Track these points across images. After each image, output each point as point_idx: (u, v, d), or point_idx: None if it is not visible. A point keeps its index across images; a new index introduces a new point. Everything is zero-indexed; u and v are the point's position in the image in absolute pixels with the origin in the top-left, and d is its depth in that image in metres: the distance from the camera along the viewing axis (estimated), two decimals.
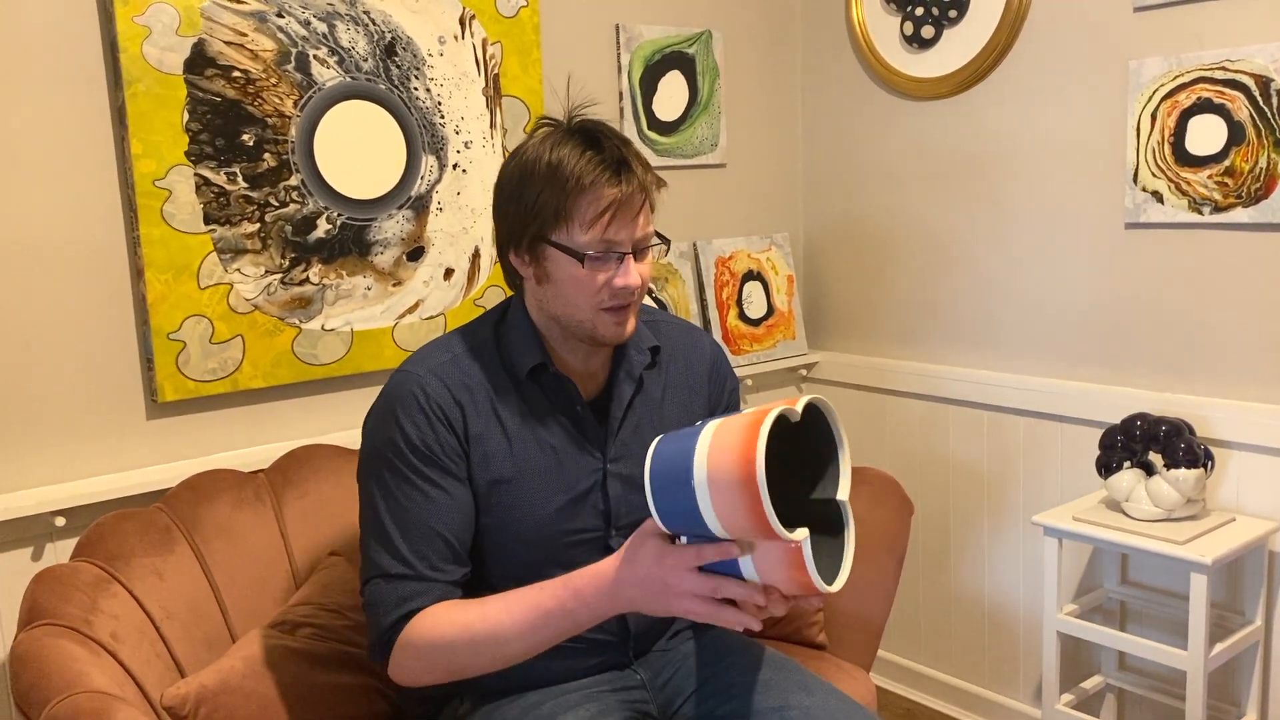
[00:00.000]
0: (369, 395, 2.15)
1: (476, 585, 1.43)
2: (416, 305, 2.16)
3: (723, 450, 1.09)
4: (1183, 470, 1.98)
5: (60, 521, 1.77)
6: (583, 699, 1.43)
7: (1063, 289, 2.36)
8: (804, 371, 2.89)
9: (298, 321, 2.01)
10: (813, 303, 2.92)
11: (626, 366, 1.47)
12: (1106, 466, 2.10)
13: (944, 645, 2.72)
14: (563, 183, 1.31)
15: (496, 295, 2.27)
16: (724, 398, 1.59)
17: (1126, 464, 2.08)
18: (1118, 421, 2.12)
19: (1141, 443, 2.06)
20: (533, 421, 1.42)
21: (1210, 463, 2.01)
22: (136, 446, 1.89)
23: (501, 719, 1.41)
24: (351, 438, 2.07)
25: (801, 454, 1.22)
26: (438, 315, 2.19)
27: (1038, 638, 2.49)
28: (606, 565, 1.22)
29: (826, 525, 1.21)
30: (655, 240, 1.40)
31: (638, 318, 1.43)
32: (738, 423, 1.11)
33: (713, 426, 1.14)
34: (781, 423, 1.12)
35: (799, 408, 1.13)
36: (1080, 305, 2.33)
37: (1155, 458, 2.05)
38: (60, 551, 1.81)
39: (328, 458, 1.94)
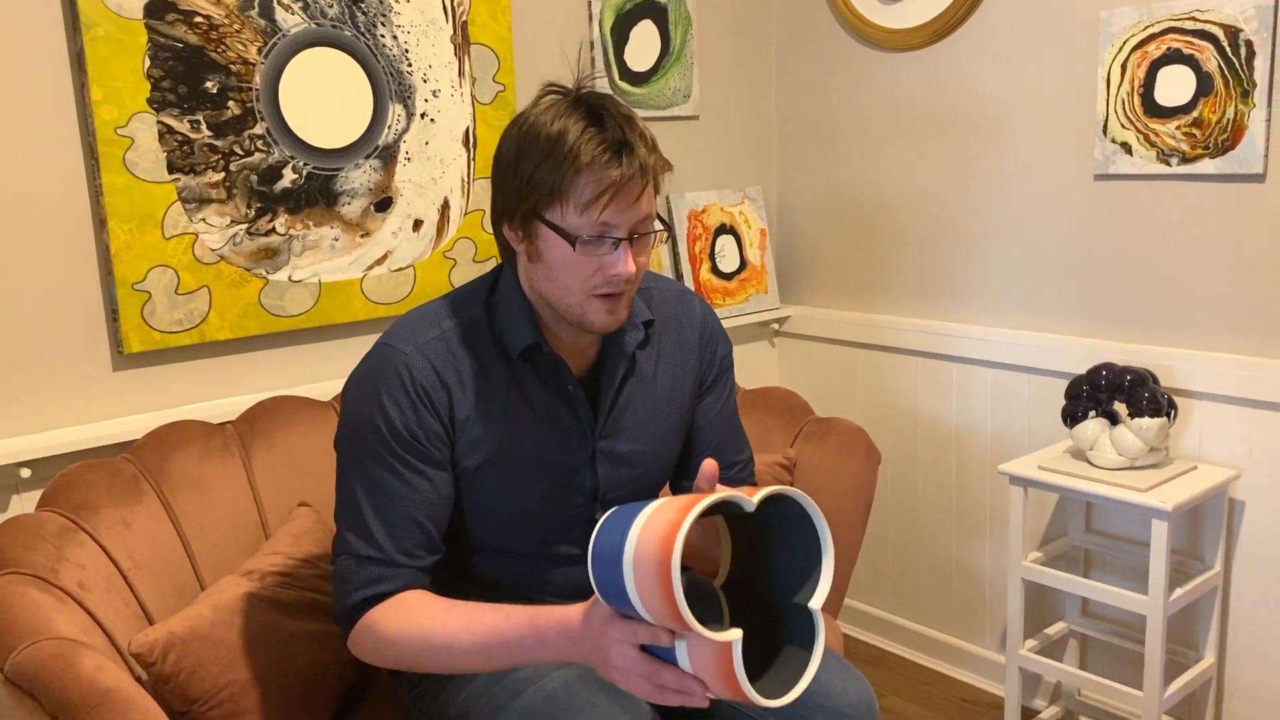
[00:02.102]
0: (338, 348, 2.14)
1: (463, 554, 1.44)
2: (385, 257, 2.15)
3: (651, 528, 1.04)
4: (1146, 419, 2.00)
5: (25, 473, 1.76)
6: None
7: (1031, 241, 2.37)
8: (775, 326, 2.90)
9: (264, 272, 1.99)
10: (785, 257, 2.92)
11: (619, 344, 1.42)
12: (1072, 416, 2.12)
13: (911, 593, 2.76)
14: (560, 159, 1.24)
15: (466, 248, 2.26)
16: (714, 365, 1.54)
17: (1091, 414, 2.11)
18: (1084, 372, 2.14)
19: (1106, 392, 2.08)
20: (522, 402, 1.37)
21: (1173, 412, 2.03)
22: (103, 398, 1.88)
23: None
24: (320, 390, 2.07)
25: (789, 555, 1.15)
26: (407, 267, 2.18)
27: (1003, 585, 2.53)
28: (573, 615, 1.17)
29: (803, 634, 1.13)
30: (655, 226, 1.33)
31: (631, 304, 1.37)
32: (676, 503, 1.05)
33: (655, 504, 1.08)
34: (761, 511, 1.08)
35: (756, 499, 1.06)
36: (1048, 257, 2.34)
37: (1120, 407, 2.07)
38: (26, 503, 1.80)
39: (297, 409, 1.93)
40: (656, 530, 1.03)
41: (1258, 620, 2.11)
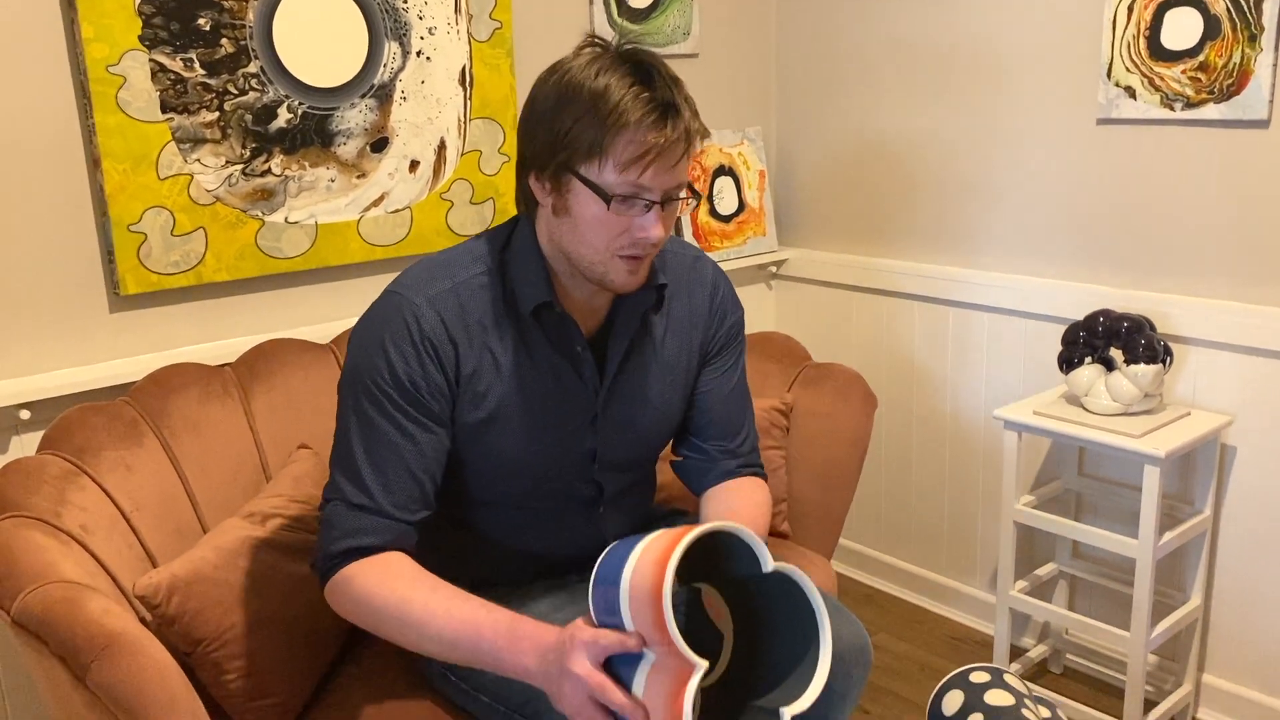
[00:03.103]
0: (335, 290, 2.14)
1: (458, 506, 1.44)
2: (382, 198, 2.13)
3: (661, 537, 1.07)
4: (1142, 366, 2.01)
5: (25, 415, 1.76)
6: (559, 602, 1.47)
7: (1032, 185, 2.35)
8: (773, 269, 2.89)
9: (260, 214, 1.98)
10: (784, 199, 2.90)
11: (630, 306, 1.40)
12: (1068, 362, 2.13)
13: (904, 534, 2.79)
14: (604, 116, 1.19)
15: (463, 190, 2.24)
16: (722, 330, 1.52)
17: (1088, 360, 2.11)
18: (1081, 318, 2.14)
19: (1103, 339, 2.09)
20: (529, 360, 1.36)
21: (1169, 358, 2.04)
22: (100, 340, 1.88)
23: None
24: (319, 332, 2.06)
25: (785, 637, 1.16)
26: (403, 209, 2.16)
27: (995, 528, 2.56)
28: (550, 631, 1.16)
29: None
30: (686, 194, 1.30)
31: (650, 266, 1.35)
32: (676, 532, 1.08)
33: (656, 533, 1.10)
34: (770, 584, 1.10)
35: (772, 566, 1.07)
36: (1049, 202, 2.33)
37: (1116, 353, 2.08)
38: (26, 445, 1.81)
39: (295, 352, 1.93)
40: (664, 538, 1.06)
41: (1244, 563, 2.15)
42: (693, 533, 1.05)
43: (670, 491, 1.76)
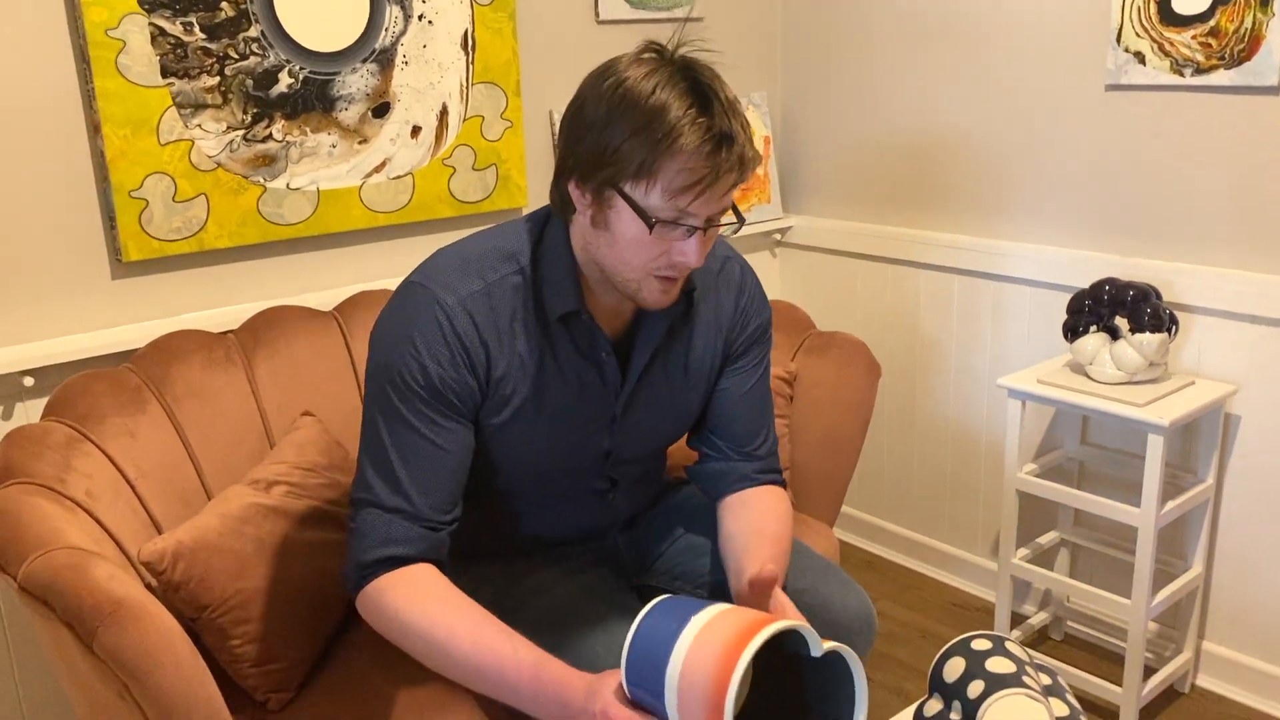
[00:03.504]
0: (338, 257, 2.13)
1: (470, 493, 1.43)
2: (383, 164, 2.12)
3: (710, 629, 1.04)
4: (1147, 334, 2.01)
5: (29, 381, 1.76)
6: (567, 569, 1.48)
7: (1039, 152, 2.34)
8: (778, 236, 2.88)
9: (262, 180, 1.97)
10: (789, 165, 2.88)
11: (657, 312, 1.34)
12: (1073, 330, 2.13)
13: (905, 501, 2.80)
14: (658, 138, 1.13)
15: (465, 156, 2.23)
16: (746, 332, 1.46)
17: (1093, 328, 2.11)
18: (1087, 286, 2.13)
19: (1108, 307, 2.08)
20: (554, 363, 1.32)
21: (1174, 327, 2.04)
22: (103, 306, 1.87)
23: (483, 576, 1.46)
24: (321, 299, 2.06)
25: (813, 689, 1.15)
26: (405, 175, 2.15)
27: (997, 496, 2.57)
28: (575, 684, 1.14)
29: None
30: (730, 219, 1.26)
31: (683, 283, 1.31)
32: (738, 621, 1.04)
33: (702, 621, 1.06)
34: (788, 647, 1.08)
35: (826, 646, 1.05)
36: (1056, 169, 2.31)
37: (1121, 322, 2.07)
38: (30, 411, 1.81)
39: (298, 319, 1.93)
40: (724, 628, 1.03)
41: (1246, 532, 2.15)
42: (757, 641, 1.02)
43: (674, 459, 1.76)
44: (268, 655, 1.49)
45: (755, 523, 1.39)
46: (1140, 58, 2.11)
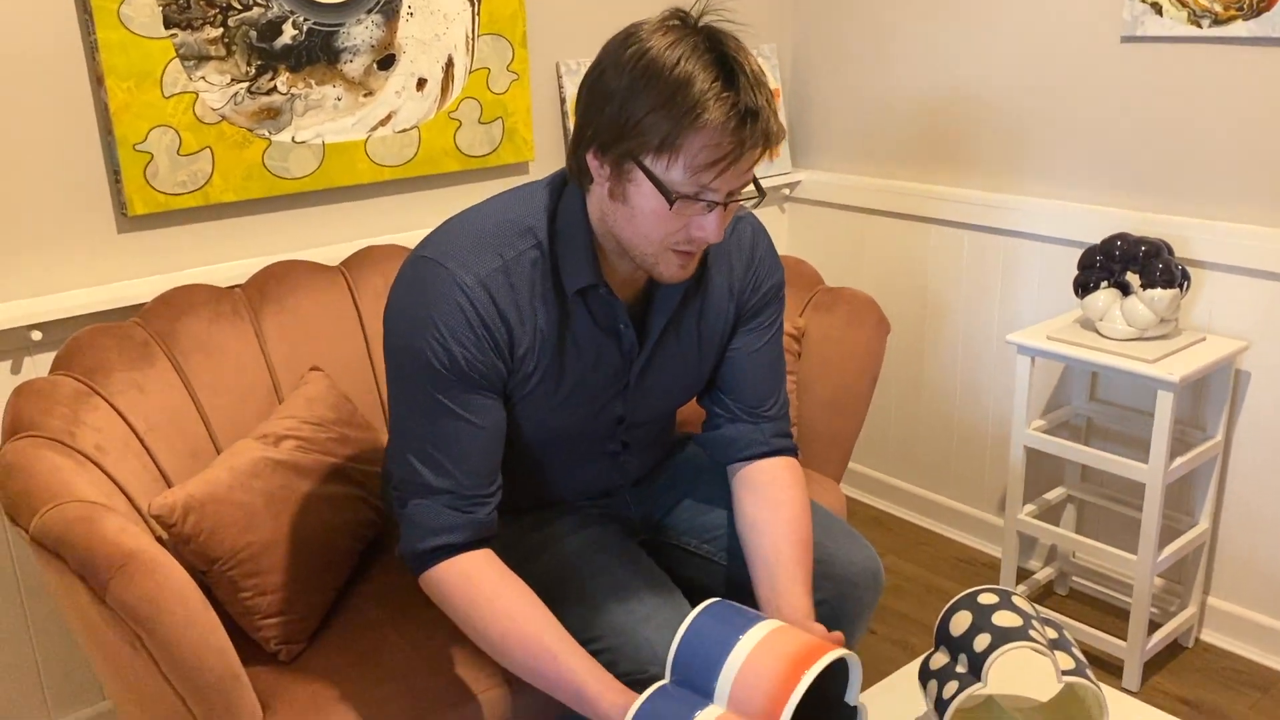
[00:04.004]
0: (344, 211, 2.12)
1: None
2: (389, 117, 2.10)
3: (756, 660, 1.09)
4: (1158, 290, 1.99)
5: (37, 335, 1.76)
6: (576, 523, 1.48)
7: (1052, 105, 2.30)
8: (786, 191, 2.86)
9: (267, 133, 1.95)
10: (798, 119, 2.85)
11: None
12: (1083, 286, 2.11)
13: (912, 457, 2.80)
14: (680, 111, 1.11)
15: (471, 109, 2.20)
16: (757, 294, 1.43)
17: (1103, 284, 2.09)
18: (1098, 241, 2.11)
19: (1120, 263, 2.06)
20: (573, 337, 1.31)
21: (1186, 283, 2.02)
22: (109, 261, 1.87)
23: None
24: (328, 254, 2.05)
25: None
26: (411, 128, 2.13)
27: (1004, 452, 2.57)
28: (613, 699, 1.16)
29: None
30: (751, 193, 1.23)
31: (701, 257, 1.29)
32: (789, 644, 1.10)
33: (762, 631, 1.11)
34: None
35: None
36: (1069, 123, 2.28)
37: (1132, 277, 2.06)
38: (39, 365, 1.81)
39: (305, 274, 1.92)
40: (774, 662, 1.09)
41: (1255, 488, 2.15)
42: (822, 662, 1.08)
43: (682, 415, 1.76)
44: (279, 607, 1.50)
45: (779, 529, 1.37)
46: (1157, 8, 2.08)
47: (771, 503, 1.40)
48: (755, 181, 1.23)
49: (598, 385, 1.36)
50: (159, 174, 1.85)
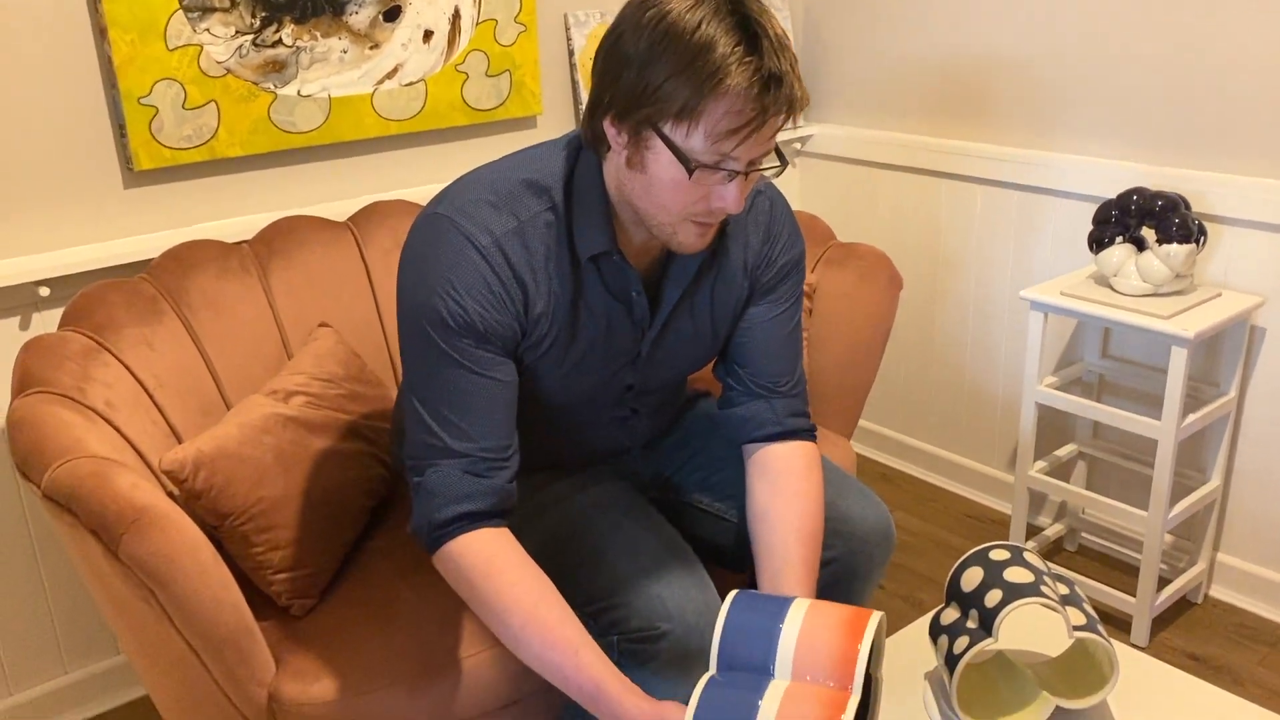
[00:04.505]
0: (351, 166, 2.10)
1: None
2: (395, 70, 2.07)
3: (812, 653, 1.10)
4: (1175, 245, 1.97)
5: (44, 291, 1.76)
6: (585, 481, 1.48)
7: (1067, 57, 2.27)
8: (798, 145, 2.82)
9: (272, 86, 1.93)
10: (810, 72, 2.81)
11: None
12: (1098, 241, 2.09)
13: (923, 414, 2.79)
14: (701, 77, 1.07)
15: (478, 62, 2.17)
16: (772, 267, 1.39)
17: (1119, 239, 2.07)
18: (1113, 196, 2.09)
19: (1136, 217, 2.03)
20: (586, 303, 1.28)
21: (1203, 238, 2.00)
22: (116, 216, 1.86)
23: None
24: (335, 209, 2.04)
25: None
26: (418, 81, 2.11)
27: (1016, 409, 2.56)
28: (637, 703, 1.14)
29: None
30: (773, 161, 1.20)
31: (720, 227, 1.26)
32: (835, 609, 1.12)
33: (797, 620, 1.12)
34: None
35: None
36: (1084, 75, 2.25)
37: (1148, 232, 2.03)
38: (47, 321, 1.81)
39: (313, 229, 1.91)
40: (833, 623, 1.11)
41: (1268, 445, 2.14)
42: (871, 626, 1.11)
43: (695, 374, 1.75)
44: (290, 562, 1.51)
45: (790, 524, 1.35)
46: None
47: (783, 494, 1.37)
48: (777, 150, 1.20)
49: (609, 353, 1.34)
50: (164, 128, 1.83)
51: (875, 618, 1.12)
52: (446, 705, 1.43)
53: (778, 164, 1.21)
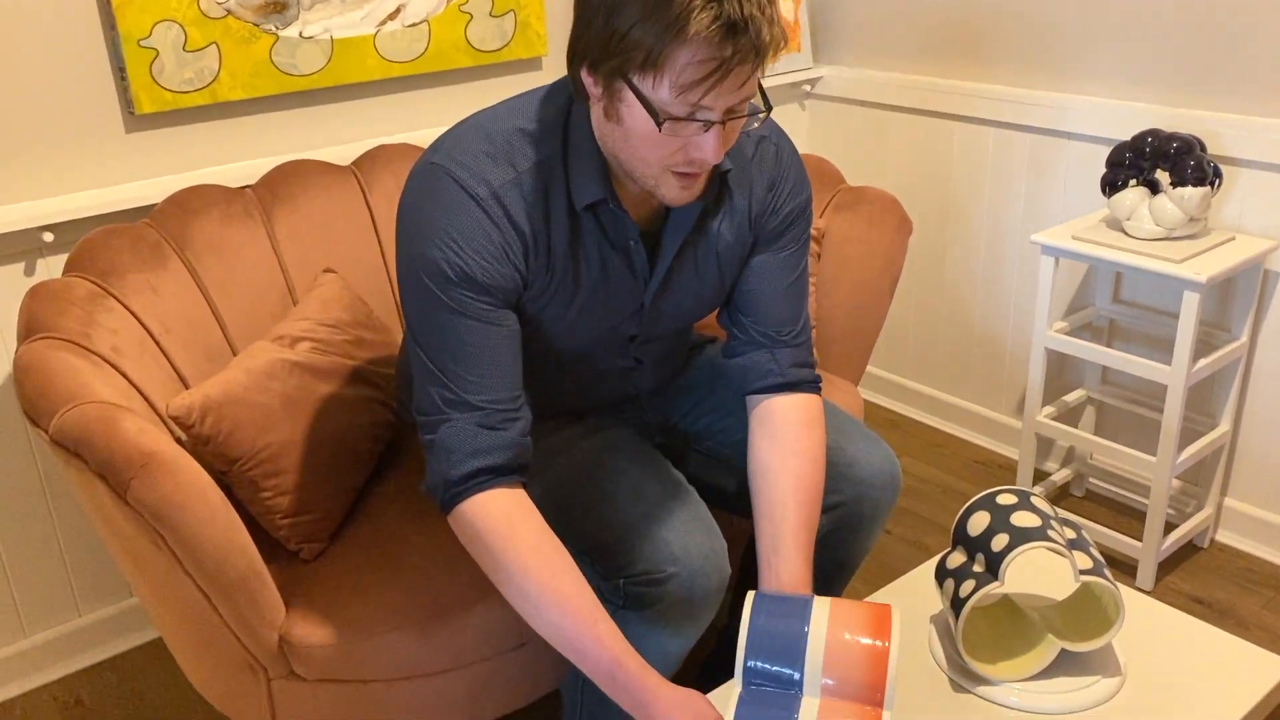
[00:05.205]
0: (354, 109, 2.08)
1: None
2: (398, 11, 2.04)
3: (845, 611, 1.12)
4: (1189, 189, 1.94)
5: (48, 237, 1.75)
6: (591, 427, 1.47)
7: None
8: (807, 87, 2.78)
9: (274, 28, 1.90)
10: (821, 13, 2.76)
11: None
12: (1111, 185, 2.06)
13: (930, 360, 2.78)
14: (663, 24, 1.03)
15: (483, 1, 2.14)
16: (777, 214, 1.36)
17: (1132, 182, 2.04)
18: (1128, 138, 2.05)
19: (1150, 160, 2.00)
20: (584, 254, 1.26)
21: (1218, 181, 1.97)
22: (118, 161, 1.84)
23: None
24: (339, 154, 2.02)
25: None
26: (421, 22, 2.07)
27: (1024, 353, 2.55)
28: (654, 690, 1.12)
29: None
30: (754, 108, 1.15)
31: (709, 178, 1.22)
32: (859, 607, 1.13)
33: (821, 634, 1.12)
34: None
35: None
36: (1099, 14, 2.20)
37: (1162, 175, 2.00)
38: (52, 267, 1.80)
39: (317, 174, 1.89)
40: (859, 620, 1.12)
41: (1278, 390, 2.13)
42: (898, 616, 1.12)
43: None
44: (299, 507, 1.52)
45: (788, 483, 1.33)
46: None
47: (782, 452, 1.35)
48: (762, 92, 1.16)
49: (611, 304, 1.33)
50: (165, 71, 1.81)
51: (895, 619, 1.12)
52: (455, 647, 1.45)
53: (761, 110, 1.16)
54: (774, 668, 1.11)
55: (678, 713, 1.10)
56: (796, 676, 1.10)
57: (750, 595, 1.17)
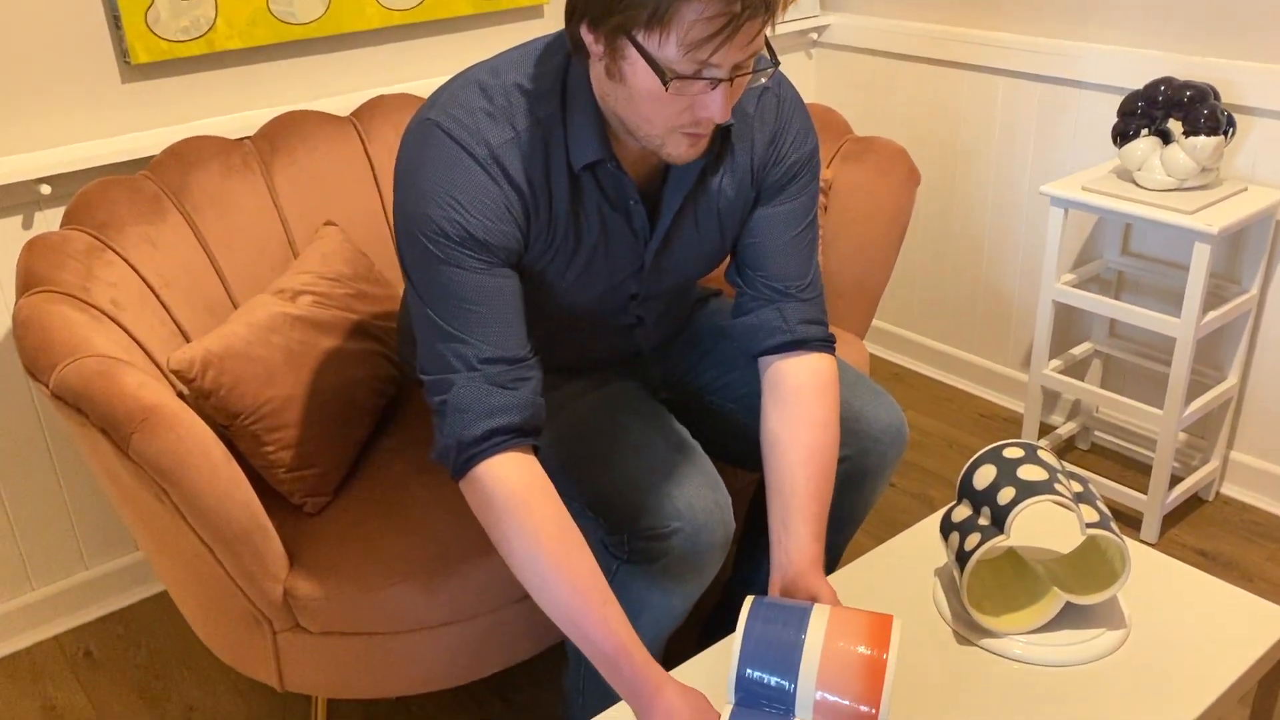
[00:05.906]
0: (353, 59, 2.04)
1: None
2: None
3: (845, 620, 1.08)
4: (1202, 138, 1.91)
5: (46, 189, 1.73)
6: (594, 382, 1.46)
7: None
8: (814, 36, 2.74)
9: None
10: None
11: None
12: (1122, 134, 2.03)
13: (936, 313, 2.76)
14: None
15: None
16: (780, 166, 1.32)
17: (1144, 132, 2.01)
18: (1140, 87, 2.02)
19: (1163, 109, 1.97)
20: (583, 213, 1.24)
21: (1231, 130, 1.93)
22: (114, 112, 1.81)
23: None
24: (338, 104, 1.99)
25: None
26: None
27: (1031, 306, 2.53)
28: (653, 683, 1.09)
29: None
30: (762, 64, 1.11)
31: (714, 134, 1.19)
32: (858, 617, 1.08)
33: (826, 610, 1.09)
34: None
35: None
36: None
37: (1174, 125, 1.97)
38: (50, 219, 1.78)
39: (316, 125, 1.87)
40: (856, 630, 1.07)
41: None
42: (898, 627, 1.08)
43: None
44: (302, 461, 1.51)
45: (799, 455, 1.30)
46: None
47: (793, 422, 1.31)
48: (769, 47, 1.12)
49: (612, 263, 1.30)
50: (160, 19, 1.77)
51: (895, 634, 1.08)
52: (459, 601, 1.45)
53: (769, 66, 1.13)
54: (768, 678, 1.07)
55: (679, 711, 1.08)
56: (790, 688, 1.07)
57: (748, 601, 1.13)
